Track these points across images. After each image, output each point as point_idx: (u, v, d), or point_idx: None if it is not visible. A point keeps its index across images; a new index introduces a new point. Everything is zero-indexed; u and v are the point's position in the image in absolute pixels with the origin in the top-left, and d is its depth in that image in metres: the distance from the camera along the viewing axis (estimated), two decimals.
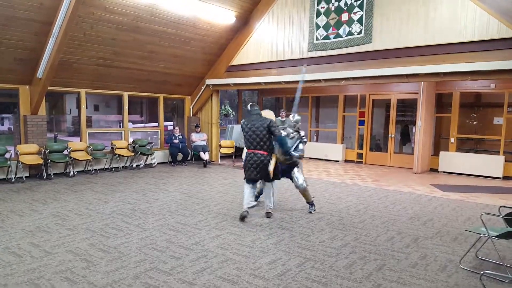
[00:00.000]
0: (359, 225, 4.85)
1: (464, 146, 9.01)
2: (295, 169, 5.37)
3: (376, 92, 10.34)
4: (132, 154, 9.45)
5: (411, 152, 10.15)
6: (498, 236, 3.36)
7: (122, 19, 7.54)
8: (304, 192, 5.35)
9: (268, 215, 5.13)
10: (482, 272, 2.81)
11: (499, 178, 8.10)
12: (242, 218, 4.89)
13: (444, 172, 8.85)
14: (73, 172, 8.18)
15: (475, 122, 9.22)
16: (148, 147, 9.84)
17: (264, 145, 4.84)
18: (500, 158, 8.16)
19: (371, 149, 10.74)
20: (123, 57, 8.44)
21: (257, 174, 4.85)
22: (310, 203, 5.43)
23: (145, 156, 9.86)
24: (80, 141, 8.79)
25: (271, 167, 4.82)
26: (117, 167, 9.23)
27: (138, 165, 9.64)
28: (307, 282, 3.21)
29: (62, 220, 4.87)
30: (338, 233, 4.50)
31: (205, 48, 9.61)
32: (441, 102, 9.54)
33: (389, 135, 10.25)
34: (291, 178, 5.39)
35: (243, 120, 5.05)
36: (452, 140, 8.89)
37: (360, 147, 10.81)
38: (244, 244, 4.09)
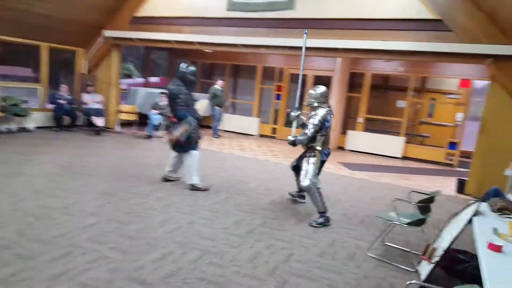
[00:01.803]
0: (268, 206, 4.39)
1: (370, 126, 9.33)
2: (304, 160, 4.12)
3: (294, 66, 10.02)
4: (1, 114, 7.50)
5: None
6: (409, 224, 3.16)
7: None
8: (308, 193, 4.00)
9: (192, 187, 4.73)
10: (408, 283, 2.52)
11: (399, 158, 8.60)
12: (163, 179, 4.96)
13: (350, 150, 9.09)
14: None
15: (382, 104, 9.59)
16: (23, 106, 7.95)
17: (173, 110, 4.54)
18: (401, 140, 8.63)
19: (285, 125, 10.53)
20: None
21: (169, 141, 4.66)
22: (321, 213, 3.97)
23: (19, 118, 7.96)
24: None
25: (175, 134, 4.44)
26: None
27: (9, 128, 7.73)
28: (200, 284, 2.57)
29: None
30: (245, 217, 3.95)
31: None
32: (353, 82, 9.66)
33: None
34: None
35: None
36: (360, 119, 9.12)
37: (276, 122, 10.52)
38: (126, 234, 3.24)
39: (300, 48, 6.82)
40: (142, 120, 9.24)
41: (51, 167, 5.18)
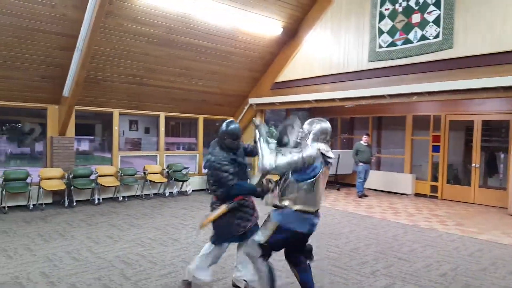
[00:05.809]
0: None
1: None
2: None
3: (453, 112, 8.43)
4: (166, 180, 8.59)
5: (500, 186, 7.98)
6: None
7: (153, 31, 6.84)
8: None
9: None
10: None
11: None
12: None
13: None
14: (99, 199, 7.44)
15: None
16: (184, 172, 8.94)
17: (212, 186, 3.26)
18: None
19: (448, 182, 8.71)
20: (157, 74, 7.73)
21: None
22: None
23: (180, 183, 8.95)
24: (112, 165, 8.14)
25: (209, 217, 3.17)
26: (148, 194, 8.39)
27: (172, 192, 8.74)
28: None
29: (51, 268, 3.89)
30: None
31: (248, 64, 8.62)
32: None
33: (473, 164, 8.19)
34: None
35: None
36: None
37: (434, 178, 8.82)
38: None
39: (464, 91, 5.62)
40: None
41: (202, 232, 5.30)
